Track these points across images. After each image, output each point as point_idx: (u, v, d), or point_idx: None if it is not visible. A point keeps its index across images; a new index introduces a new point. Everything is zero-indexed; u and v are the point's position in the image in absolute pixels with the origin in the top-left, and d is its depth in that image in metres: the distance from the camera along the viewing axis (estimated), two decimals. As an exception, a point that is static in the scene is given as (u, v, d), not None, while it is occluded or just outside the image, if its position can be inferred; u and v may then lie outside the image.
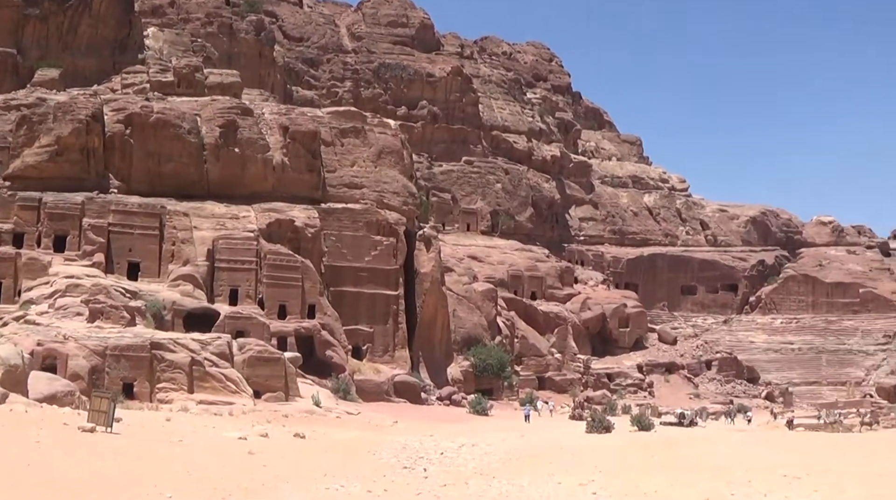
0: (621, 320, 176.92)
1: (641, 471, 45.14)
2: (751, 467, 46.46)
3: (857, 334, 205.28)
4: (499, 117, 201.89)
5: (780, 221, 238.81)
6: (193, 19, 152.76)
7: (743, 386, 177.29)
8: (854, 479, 41.28)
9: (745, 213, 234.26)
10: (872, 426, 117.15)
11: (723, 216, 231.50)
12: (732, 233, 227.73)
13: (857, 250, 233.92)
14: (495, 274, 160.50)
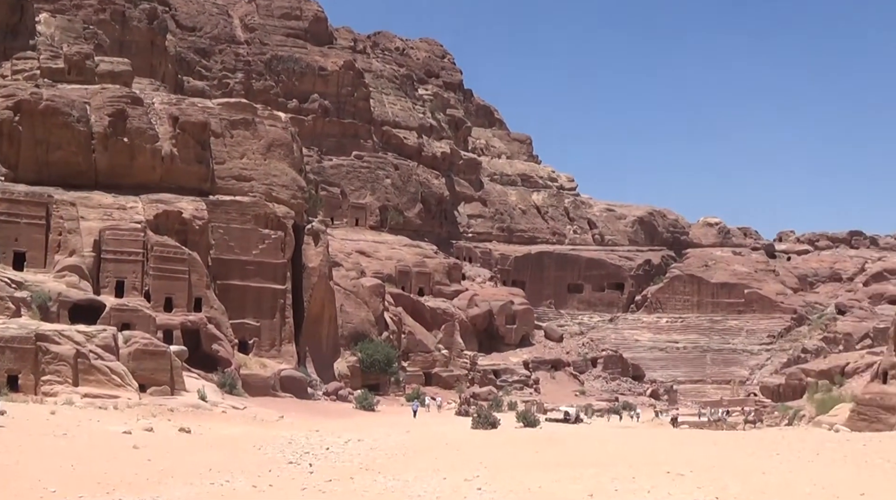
0: (508, 317, 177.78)
1: (526, 467, 45.54)
2: (635, 463, 47.08)
3: (742, 333, 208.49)
4: (390, 113, 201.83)
5: (666, 222, 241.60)
6: (86, 6, 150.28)
7: (628, 384, 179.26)
8: (737, 476, 42.03)
9: (632, 213, 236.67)
10: (756, 424, 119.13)
11: (610, 216, 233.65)
12: (620, 232, 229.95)
13: (742, 251, 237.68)
14: (383, 270, 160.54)
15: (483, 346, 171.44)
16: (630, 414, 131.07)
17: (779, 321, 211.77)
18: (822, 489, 38.03)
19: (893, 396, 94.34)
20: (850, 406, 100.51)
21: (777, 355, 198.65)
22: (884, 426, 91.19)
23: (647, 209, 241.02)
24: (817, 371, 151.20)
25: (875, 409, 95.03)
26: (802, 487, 38.36)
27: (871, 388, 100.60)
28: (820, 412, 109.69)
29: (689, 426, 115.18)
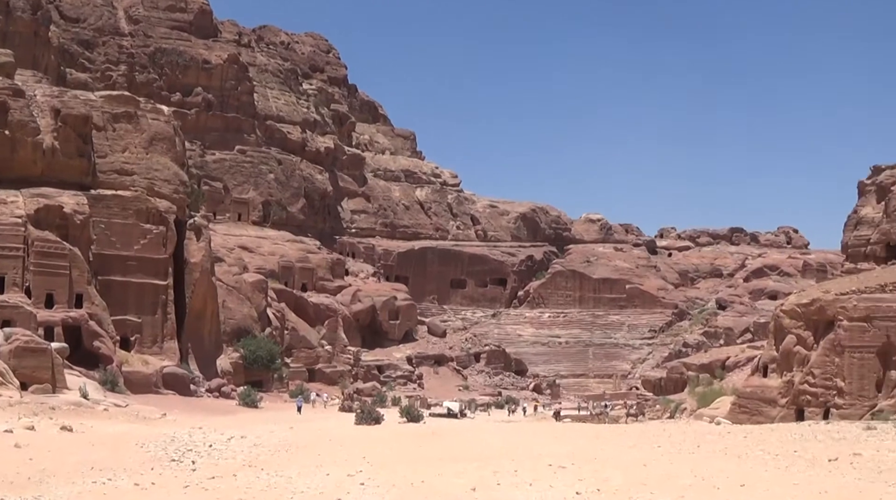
0: (391, 313, 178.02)
1: (409, 462, 45.77)
2: (518, 456, 47.52)
3: (624, 328, 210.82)
4: (274, 107, 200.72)
5: (549, 218, 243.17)
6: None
7: (511, 378, 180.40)
8: (618, 468, 42.64)
9: (515, 209, 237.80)
10: (638, 417, 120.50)
11: (493, 212, 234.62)
12: (503, 229, 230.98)
13: (624, 247, 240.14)
14: (266, 265, 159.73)
15: (366, 341, 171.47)
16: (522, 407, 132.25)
17: (660, 316, 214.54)
18: (702, 480, 38.72)
19: (773, 389, 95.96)
20: (731, 399, 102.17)
21: (658, 350, 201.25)
22: (764, 419, 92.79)
23: (529, 206, 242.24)
24: (698, 365, 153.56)
25: (756, 402, 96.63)
26: (683, 478, 39.03)
27: (751, 381, 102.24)
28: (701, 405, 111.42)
29: (572, 420, 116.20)
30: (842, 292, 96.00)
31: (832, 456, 48.38)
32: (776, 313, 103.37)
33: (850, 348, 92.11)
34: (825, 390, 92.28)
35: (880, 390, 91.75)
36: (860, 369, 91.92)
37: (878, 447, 52.70)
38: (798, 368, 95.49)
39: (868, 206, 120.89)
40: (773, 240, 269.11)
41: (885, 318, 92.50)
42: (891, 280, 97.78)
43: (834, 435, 62.78)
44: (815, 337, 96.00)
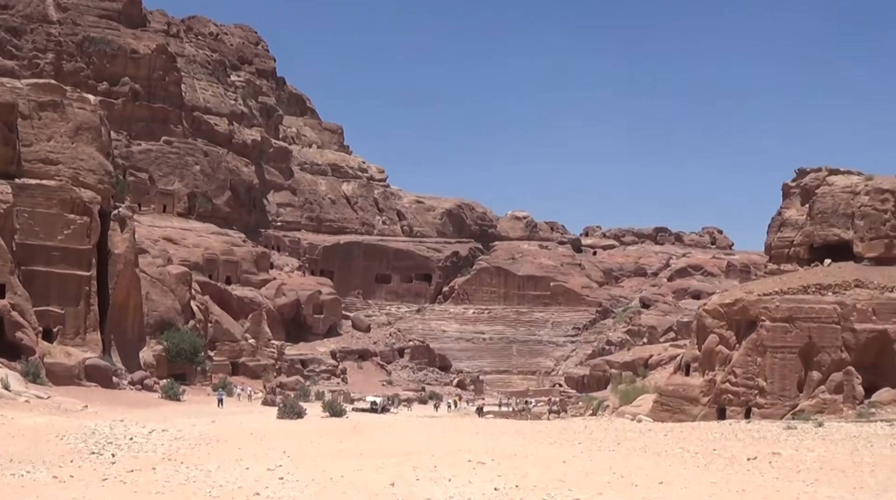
0: (316, 307, 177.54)
1: (330, 456, 45.68)
2: (438, 452, 47.57)
3: (548, 325, 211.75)
4: (201, 98, 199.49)
5: (475, 215, 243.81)
6: None
7: (435, 374, 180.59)
8: (537, 464, 42.78)
9: (441, 205, 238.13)
10: (560, 414, 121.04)
11: (419, 208, 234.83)
12: (428, 224, 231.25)
13: (549, 245, 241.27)
14: (190, 257, 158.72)
15: (291, 335, 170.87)
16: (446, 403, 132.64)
17: (584, 314, 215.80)
18: (620, 477, 38.93)
19: (695, 387, 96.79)
20: (654, 397, 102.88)
21: (582, 347, 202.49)
22: (686, 417, 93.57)
23: (455, 202, 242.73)
24: (621, 363, 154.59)
25: (678, 400, 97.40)
26: (602, 475, 39.23)
27: (673, 379, 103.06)
28: (624, 403, 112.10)
29: (495, 416, 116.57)
30: (765, 293, 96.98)
31: (751, 455, 48.85)
32: (699, 312, 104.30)
33: (773, 348, 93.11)
34: (747, 390, 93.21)
35: (801, 391, 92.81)
36: (782, 370, 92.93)
37: (798, 447, 53.26)
38: (720, 367, 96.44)
39: (792, 208, 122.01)
40: (698, 240, 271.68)
41: (807, 319, 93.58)
42: (813, 282, 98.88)
43: (754, 434, 63.37)
44: (738, 337, 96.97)
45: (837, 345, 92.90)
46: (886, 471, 42.75)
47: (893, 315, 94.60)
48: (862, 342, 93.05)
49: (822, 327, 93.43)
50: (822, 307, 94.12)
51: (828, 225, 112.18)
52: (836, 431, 64.68)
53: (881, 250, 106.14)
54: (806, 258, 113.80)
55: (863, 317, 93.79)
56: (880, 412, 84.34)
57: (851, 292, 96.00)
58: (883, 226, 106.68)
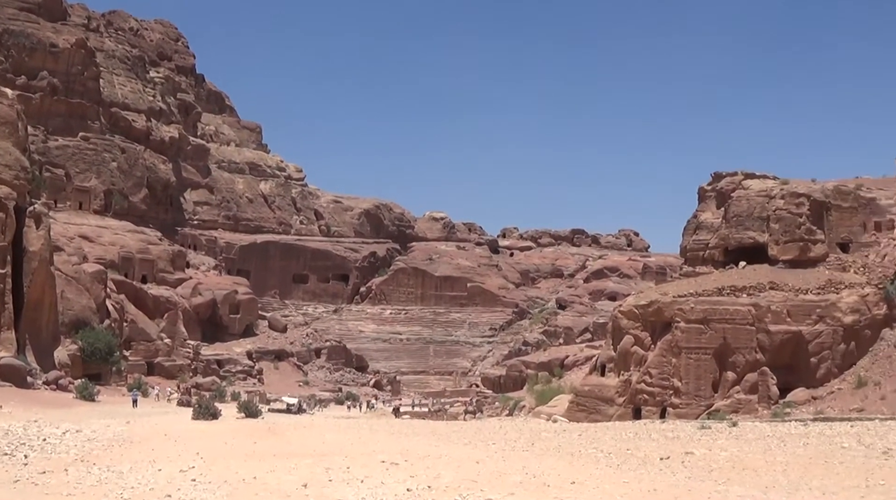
0: (232, 307, 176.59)
1: (243, 457, 45.42)
2: (352, 453, 47.44)
3: (465, 326, 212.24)
4: (119, 94, 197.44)
5: (393, 215, 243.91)
6: None
7: (352, 374, 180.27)
8: (450, 464, 42.76)
9: (359, 205, 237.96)
10: (476, 414, 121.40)
11: (337, 207, 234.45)
12: (346, 224, 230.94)
13: (467, 246, 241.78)
14: (106, 255, 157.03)
15: (206, 335, 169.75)
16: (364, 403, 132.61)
17: (501, 315, 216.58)
18: (533, 477, 38.97)
19: (611, 388, 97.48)
20: (569, 398, 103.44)
21: (499, 348, 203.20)
22: (601, 417, 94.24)
23: (373, 202, 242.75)
24: (537, 363, 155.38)
25: (593, 400, 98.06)
26: (514, 476, 39.25)
27: (589, 380, 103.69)
28: (540, 403, 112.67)
29: (411, 416, 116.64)
30: (680, 295, 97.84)
31: (664, 455, 49.14)
32: (615, 313, 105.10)
33: (687, 349, 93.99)
34: (662, 390, 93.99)
35: (716, 391, 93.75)
36: (697, 370, 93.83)
37: (711, 447, 53.65)
38: (635, 367, 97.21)
39: (708, 211, 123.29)
40: (614, 242, 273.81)
41: (721, 320, 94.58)
42: (728, 284, 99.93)
43: (668, 434, 63.78)
44: (653, 338, 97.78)
45: (752, 346, 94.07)
46: (799, 470, 43.15)
47: (807, 317, 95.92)
48: (776, 343, 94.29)
49: (737, 328, 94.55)
50: (737, 309, 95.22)
51: (743, 228, 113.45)
52: (750, 431, 65.23)
53: (796, 253, 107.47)
54: (721, 261, 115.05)
55: (777, 319, 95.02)
56: (795, 412, 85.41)
57: (766, 295, 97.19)
58: (797, 229, 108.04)
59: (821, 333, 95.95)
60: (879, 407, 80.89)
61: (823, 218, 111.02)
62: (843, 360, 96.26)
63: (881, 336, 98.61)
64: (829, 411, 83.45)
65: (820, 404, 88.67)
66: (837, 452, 49.50)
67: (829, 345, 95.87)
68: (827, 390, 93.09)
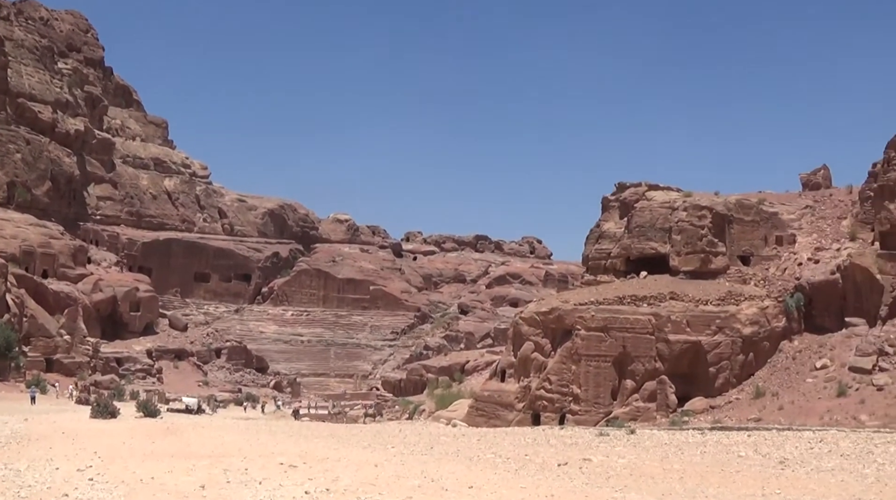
0: (133, 304, 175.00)
1: (141, 457, 45.18)
2: (250, 454, 47.36)
3: (366, 329, 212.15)
4: (27, 85, 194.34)
5: (297, 216, 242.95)
6: None
7: (252, 375, 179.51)
8: (349, 467, 42.83)
9: (263, 205, 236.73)
10: (376, 417, 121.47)
11: (241, 206, 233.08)
12: (250, 224, 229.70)
13: (370, 249, 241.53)
14: (7, 249, 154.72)
15: (107, 333, 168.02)
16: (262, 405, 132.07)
17: (403, 318, 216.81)
18: (431, 481, 39.15)
19: (510, 393, 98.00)
20: (469, 402, 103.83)
21: (400, 351, 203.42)
22: (501, 422, 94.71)
23: (278, 202, 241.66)
24: (438, 368, 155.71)
25: (493, 405, 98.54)
26: (413, 479, 39.40)
27: (489, 385, 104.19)
28: (439, 408, 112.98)
29: (311, 419, 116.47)
30: (581, 303, 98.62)
31: (562, 461, 49.50)
32: (516, 319, 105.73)
33: (587, 356, 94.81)
34: (561, 397, 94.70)
35: (615, 398, 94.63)
36: (596, 377, 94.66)
37: (609, 453, 54.15)
38: (535, 374, 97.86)
39: (611, 221, 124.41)
40: (517, 249, 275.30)
41: (621, 329, 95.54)
42: (629, 293, 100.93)
43: (567, 440, 64.27)
44: (553, 345, 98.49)
45: (651, 355, 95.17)
46: (695, 478, 43.68)
47: (707, 327, 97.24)
48: (675, 353, 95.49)
49: (637, 337, 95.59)
50: (637, 318, 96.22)
51: (645, 239, 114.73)
52: (648, 438, 65.95)
53: (696, 265, 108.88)
54: (622, 270, 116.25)
55: (677, 328, 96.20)
56: (692, 421, 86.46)
57: (666, 304, 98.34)
58: (699, 241, 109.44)
59: (720, 343, 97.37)
60: (777, 417, 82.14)
61: (725, 231, 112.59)
62: (742, 370, 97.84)
63: (779, 348, 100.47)
64: (727, 420, 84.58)
65: (718, 414, 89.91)
66: (734, 461, 50.19)
67: (727, 355, 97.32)
68: (725, 399, 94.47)
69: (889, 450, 52.49)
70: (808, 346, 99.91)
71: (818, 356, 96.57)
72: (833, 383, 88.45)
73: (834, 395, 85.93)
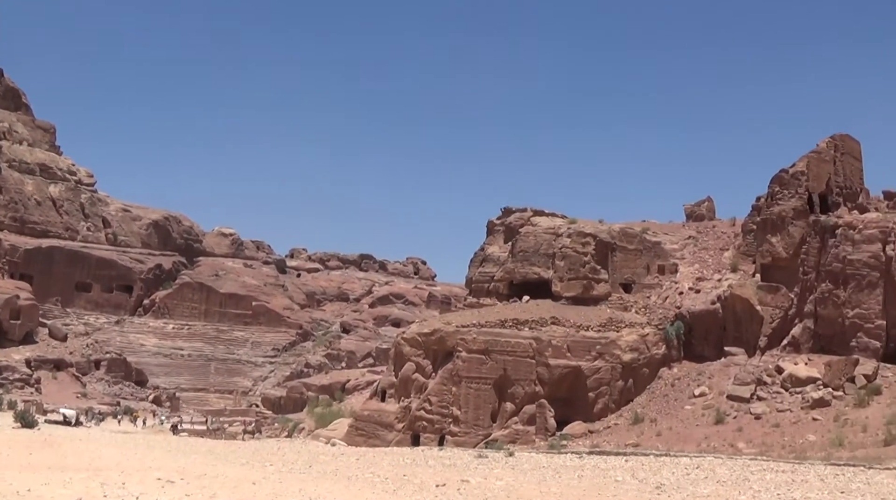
0: (13, 312, 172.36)
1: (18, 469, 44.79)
2: (128, 468, 47.16)
3: (248, 345, 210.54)
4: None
5: (181, 228, 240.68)
6: None
7: (131, 388, 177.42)
8: (226, 484, 42.84)
9: (148, 215, 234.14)
10: (255, 434, 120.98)
11: (126, 216, 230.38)
12: (134, 234, 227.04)
13: (254, 264, 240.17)
14: None
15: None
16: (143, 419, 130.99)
17: (284, 335, 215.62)
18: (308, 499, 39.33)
19: (390, 413, 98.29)
20: (349, 422, 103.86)
21: (281, 369, 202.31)
22: (380, 442, 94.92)
23: (163, 213, 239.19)
24: (319, 386, 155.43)
25: (373, 425, 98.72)
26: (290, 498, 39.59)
27: (369, 405, 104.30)
28: (319, 426, 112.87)
29: (190, 434, 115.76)
30: (463, 325, 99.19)
31: (440, 482, 49.88)
32: (398, 340, 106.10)
33: (468, 378, 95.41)
34: (441, 418, 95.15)
35: (495, 421, 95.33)
36: (476, 399, 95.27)
37: (487, 475, 54.61)
38: (416, 394, 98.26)
39: (495, 245, 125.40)
40: (402, 269, 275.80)
41: (502, 352, 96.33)
42: (511, 317, 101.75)
43: (445, 461, 64.68)
44: (434, 366, 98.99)
45: (532, 378, 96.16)
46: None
47: (587, 353, 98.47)
48: (555, 377, 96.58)
49: (518, 360, 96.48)
50: (519, 341, 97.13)
51: (529, 263, 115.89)
52: (526, 461, 66.59)
53: (579, 291, 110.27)
54: (505, 294, 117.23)
55: (557, 353, 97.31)
56: (571, 445, 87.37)
57: (548, 329, 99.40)
58: (582, 268, 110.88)
59: (600, 369, 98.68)
60: (655, 443, 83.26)
61: (608, 258, 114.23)
62: (621, 396, 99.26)
63: (659, 375, 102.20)
64: (605, 445, 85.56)
65: (596, 438, 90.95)
66: (611, 485, 50.90)
67: (607, 381, 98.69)
68: (604, 424, 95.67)
69: (765, 477, 53.56)
70: (686, 373, 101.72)
71: (697, 384, 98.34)
72: (711, 411, 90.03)
73: (712, 422, 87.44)
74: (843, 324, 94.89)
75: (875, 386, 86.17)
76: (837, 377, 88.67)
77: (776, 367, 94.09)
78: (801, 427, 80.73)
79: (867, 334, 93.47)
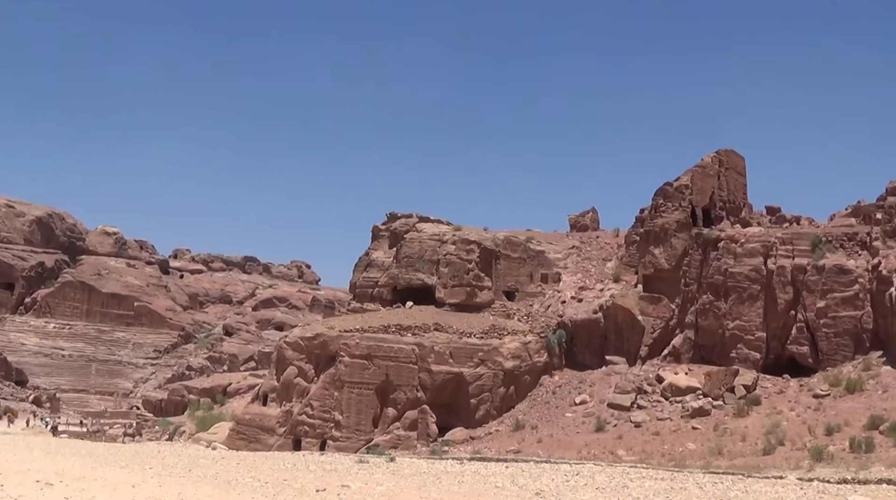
0: None
1: None
2: (6, 471, 46.59)
3: (129, 346, 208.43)
4: None
5: (65, 225, 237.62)
6: None
7: (11, 388, 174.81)
8: (105, 487, 42.50)
9: (32, 212, 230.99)
10: (135, 437, 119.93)
11: (9, 212, 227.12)
12: (17, 231, 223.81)
13: (137, 264, 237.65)
14: None
15: None
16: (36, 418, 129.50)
17: (166, 337, 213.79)
18: (184, 504, 39.24)
19: (272, 418, 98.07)
20: (230, 425, 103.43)
21: (162, 371, 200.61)
22: (262, 446, 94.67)
23: (46, 210, 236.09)
24: (200, 389, 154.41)
25: (254, 429, 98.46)
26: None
27: (251, 409, 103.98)
28: (200, 429, 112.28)
29: (70, 436, 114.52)
30: (346, 330, 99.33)
31: (321, 487, 49.86)
32: (280, 343, 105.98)
33: (350, 383, 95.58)
34: (323, 423, 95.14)
35: (377, 426, 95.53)
36: (358, 405, 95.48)
37: (367, 481, 54.65)
38: (298, 399, 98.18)
39: (380, 250, 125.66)
40: (286, 273, 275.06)
41: (385, 357, 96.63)
42: (394, 322, 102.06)
43: (326, 467, 64.62)
44: (317, 370, 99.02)
45: (414, 384, 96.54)
46: (452, 506, 44.49)
47: (469, 359, 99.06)
48: (438, 383, 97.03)
49: (400, 366, 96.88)
50: (401, 347, 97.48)
51: (413, 269, 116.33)
52: (407, 466, 66.72)
53: (462, 297, 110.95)
54: (389, 299, 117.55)
55: (440, 359, 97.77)
56: (452, 450, 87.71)
57: (430, 335, 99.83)
58: (466, 275, 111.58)
59: (482, 375, 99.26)
60: (535, 450, 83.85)
61: (492, 266, 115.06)
62: (503, 403, 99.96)
63: (540, 382, 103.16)
64: (487, 451, 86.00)
65: (477, 444, 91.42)
66: (491, 491, 51.19)
67: (489, 388, 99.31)
68: (485, 430, 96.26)
69: (644, 485, 54.19)
70: (568, 381, 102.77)
71: (578, 392, 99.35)
72: (592, 419, 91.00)
73: (592, 430, 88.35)
74: (724, 335, 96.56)
75: (754, 396, 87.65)
76: (717, 387, 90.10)
77: (657, 376, 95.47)
78: (680, 436, 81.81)
79: (747, 346, 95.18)
